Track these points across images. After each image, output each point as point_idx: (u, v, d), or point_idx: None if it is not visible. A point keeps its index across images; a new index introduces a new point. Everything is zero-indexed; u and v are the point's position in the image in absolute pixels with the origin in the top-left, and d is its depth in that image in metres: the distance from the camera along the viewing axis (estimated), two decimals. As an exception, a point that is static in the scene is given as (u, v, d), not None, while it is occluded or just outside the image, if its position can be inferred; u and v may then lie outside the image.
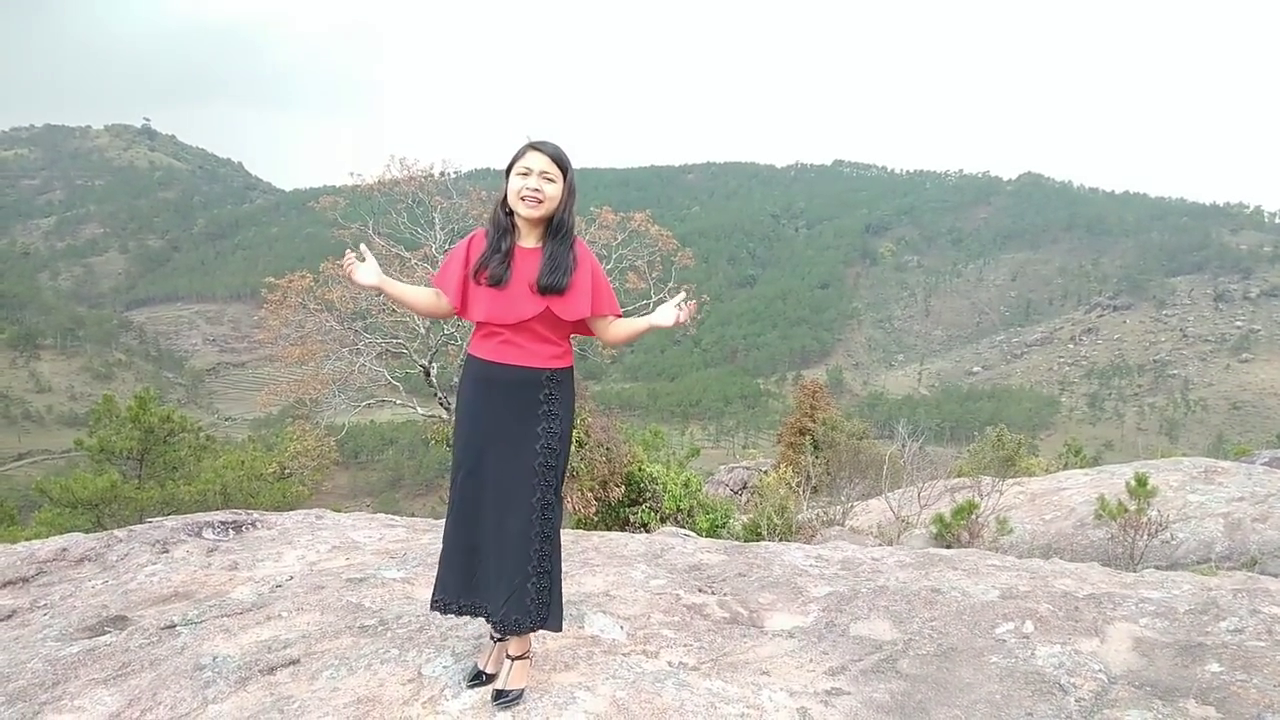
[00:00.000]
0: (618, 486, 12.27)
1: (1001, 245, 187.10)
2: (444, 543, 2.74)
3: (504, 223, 2.66)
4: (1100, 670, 2.99)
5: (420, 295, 2.82)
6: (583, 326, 2.76)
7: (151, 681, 2.76)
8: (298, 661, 2.86)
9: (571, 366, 2.72)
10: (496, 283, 2.59)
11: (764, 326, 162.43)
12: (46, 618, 3.70)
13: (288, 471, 14.08)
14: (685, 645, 3.13)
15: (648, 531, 10.61)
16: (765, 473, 18.19)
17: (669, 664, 2.94)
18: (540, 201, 2.56)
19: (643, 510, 12.45)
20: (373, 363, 14.03)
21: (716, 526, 11.78)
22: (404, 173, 14.60)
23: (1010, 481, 11.99)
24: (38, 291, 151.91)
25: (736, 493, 21.11)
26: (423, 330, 14.06)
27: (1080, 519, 9.47)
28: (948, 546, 7.98)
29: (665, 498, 12.48)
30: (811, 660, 3.05)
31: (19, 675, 2.89)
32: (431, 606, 2.74)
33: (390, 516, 6.17)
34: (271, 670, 2.80)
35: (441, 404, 13.58)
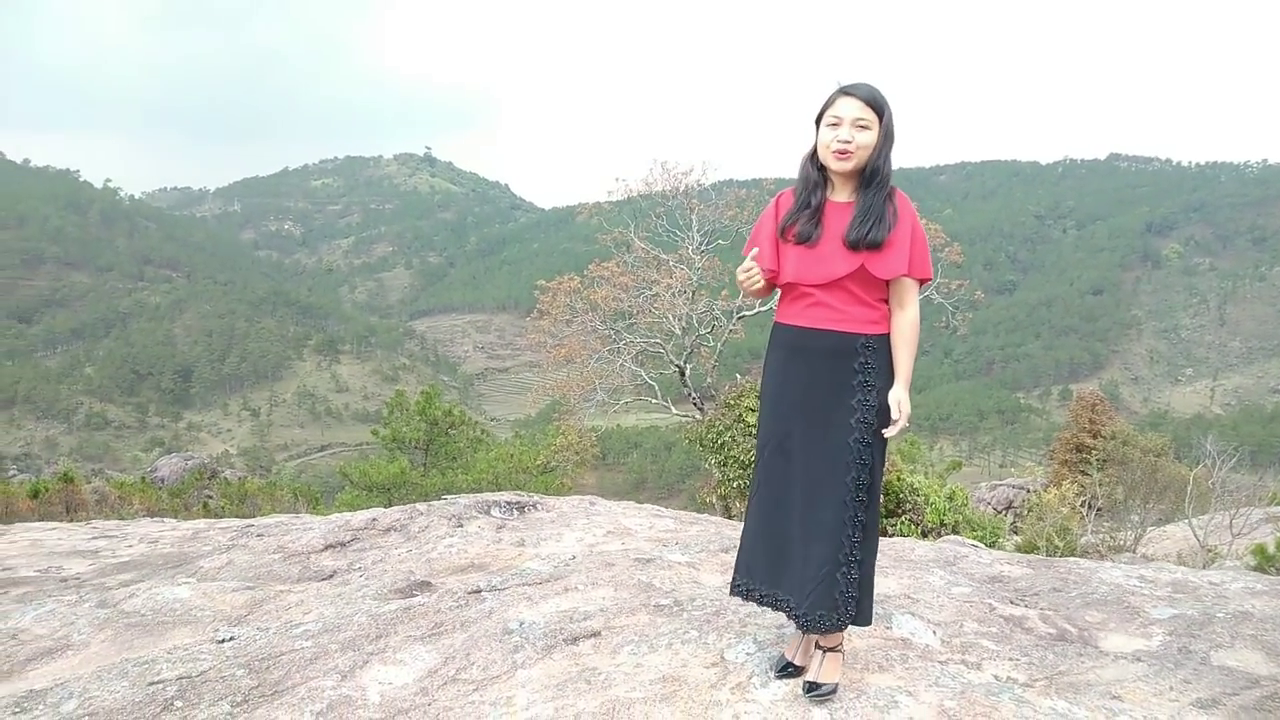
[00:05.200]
0: (876, 495, 11.67)
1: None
2: (746, 523, 2.58)
3: (814, 177, 2.44)
4: None
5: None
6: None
7: (464, 642, 2.84)
8: (599, 634, 2.83)
9: (889, 333, 2.41)
10: (805, 240, 2.38)
11: (1025, 336, 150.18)
12: (362, 579, 4.00)
13: (552, 465, 14.85)
14: (1010, 659, 2.77)
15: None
16: (1035, 492, 16.68)
17: (995, 677, 2.60)
18: (850, 154, 2.32)
19: (902, 522, 11.75)
20: (630, 363, 14.48)
21: (986, 546, 10.86)
22: (665, 176, 14.97)
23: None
24: (338, 304, 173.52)
25: (1000, 512, 19.53)
26: (678, 332, 14.29)
27: None
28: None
29: (927, 510, 11.70)
30: (1171, 689, 2.58)
31: (347, 627, 3.10)
32: (731, 590, 2.58)
33: (656, 507, 6.19)
34: (574, 640, 2.79)
35: (695, 405, 13.71)
